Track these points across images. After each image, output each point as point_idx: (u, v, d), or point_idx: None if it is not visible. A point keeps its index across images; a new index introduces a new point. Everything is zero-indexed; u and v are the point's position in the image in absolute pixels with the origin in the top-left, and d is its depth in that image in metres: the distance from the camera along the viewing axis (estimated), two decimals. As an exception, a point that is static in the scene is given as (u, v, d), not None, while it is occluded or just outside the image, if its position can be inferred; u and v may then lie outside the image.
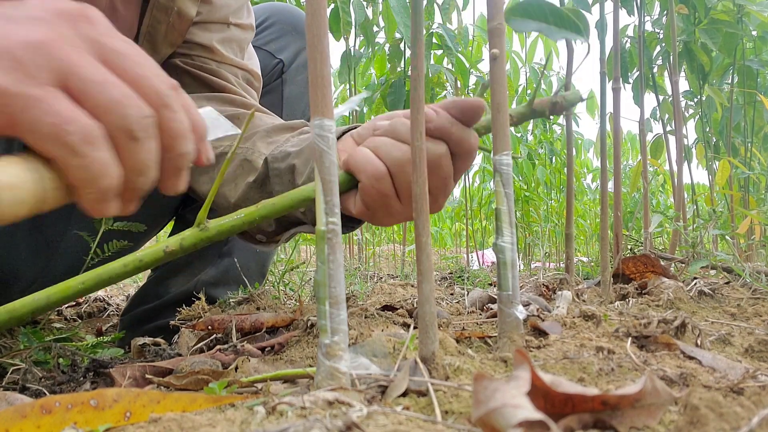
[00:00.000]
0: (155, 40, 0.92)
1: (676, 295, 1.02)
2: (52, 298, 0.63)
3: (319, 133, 0.45)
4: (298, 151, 0.78)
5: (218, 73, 0.96)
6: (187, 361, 0.65)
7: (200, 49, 0.96)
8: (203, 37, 0.96)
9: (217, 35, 0.97)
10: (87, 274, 0.64)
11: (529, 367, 0.36)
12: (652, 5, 2.63)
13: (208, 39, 0.96)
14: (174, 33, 0.92)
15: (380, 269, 3.07)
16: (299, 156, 0.77)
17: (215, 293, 1.12)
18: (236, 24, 1.00)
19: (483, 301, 1.04)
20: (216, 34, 0.97)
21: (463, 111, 0.64)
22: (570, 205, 1.28)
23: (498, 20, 0.58)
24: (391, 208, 0.68)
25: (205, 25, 0.96)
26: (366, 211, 0.69)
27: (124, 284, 2.38)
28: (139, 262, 0.64)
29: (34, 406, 0.39)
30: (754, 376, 0.48)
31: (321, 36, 0.45)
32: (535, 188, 4.28)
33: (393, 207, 0.67)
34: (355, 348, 0.54)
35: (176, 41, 0.93)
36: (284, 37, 1.18)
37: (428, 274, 0.50)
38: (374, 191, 0.66)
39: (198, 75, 0.95)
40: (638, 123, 1.92)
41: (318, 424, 0.33)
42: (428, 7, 2.82)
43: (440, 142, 0.65)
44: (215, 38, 0.97)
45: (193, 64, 0.95)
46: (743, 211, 2.08)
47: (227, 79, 0.96)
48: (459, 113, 0.64)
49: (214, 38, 0.97)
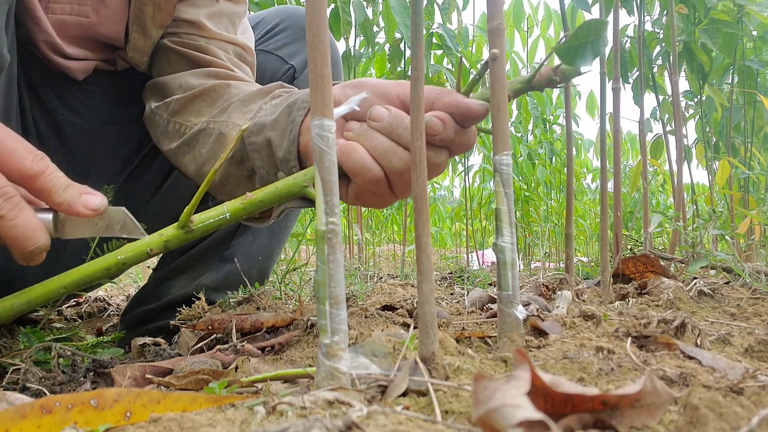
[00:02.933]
0: (144, 23, 0.91)
1: (676, 295, 1.02)
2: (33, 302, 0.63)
3: (319, 133, 0.45)
4: (273, 120, 0.74)
5: (206, 50, 0.94)
6: (187, 361, 0.65)
7: (188, 25, 0.94)
8: (190, 12, 0.94)
9: (204, 10, 0.95)
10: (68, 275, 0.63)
11: (529, 367, 0.36)
12: (651, 5, 2.63)
13: (195, 15, 0.94)
14: (162, 13, 0.91)
15: (380, 269, 3.07)
16: (274, 127, 0.73)
17: (215, 297, 1.11)
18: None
19: (483, 301, 1.04)
20: (204, 9, 0.95)
21: (468, 118, 0.63)
22: (570, 205, 1.28)
23: (498, 20, 0.58)
24: (384, 200, 0.67)
25: (192, 0, 0.95)
26: (357, 202, 0.69)
27: (125, 284, 2.38)
28: (122, 264, 0.64)
29: (34, 406, 0.39)
30: (754, 376, 0.48)
31: (321, 36, 0.45)
32: (535, 188, 4.28)
33: (386, 200, 0.67)
34: (355, 348, 0.54)
35: (165, 21, 0.92)
36: (296, 43, 1.16)
37: (428, 274, 0.50)
38: (369, 192, 0.66)
39: (185, 53, 0.93)
40: (638, 123, 1.92)
41: (318, 424, 0.33)
42: (428, 7, 2.82)
43: (443, 150, 0.65)
44: (203, 13, 0.95)
45: (180, 42, 0.94)
46: (743, 211, 2.08)
47: (216, 54, 0.94)
48: (463, 120, 0.63)
49: (202, 13, 0.95)
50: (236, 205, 0.64)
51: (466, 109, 0.62)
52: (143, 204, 1.10)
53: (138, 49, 0.93)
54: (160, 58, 0.95)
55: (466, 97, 0.63)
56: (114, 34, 0.92)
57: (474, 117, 0.63)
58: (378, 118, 0.64)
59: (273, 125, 0.73)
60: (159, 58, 0.96)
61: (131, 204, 1.08)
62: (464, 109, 0.62)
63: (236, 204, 0.64)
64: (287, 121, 0.72)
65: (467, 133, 0.64)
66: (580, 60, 0.60)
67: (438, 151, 0.64)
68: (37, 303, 0.64)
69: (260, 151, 0.75)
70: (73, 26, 0.90)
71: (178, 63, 0.93)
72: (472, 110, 0.62)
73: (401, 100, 0.66)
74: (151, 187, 1.12)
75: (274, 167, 0.74)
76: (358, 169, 0.64)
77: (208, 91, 0.87)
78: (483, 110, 0.63)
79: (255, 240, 1.17)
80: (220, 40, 0.96)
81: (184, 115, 0.88)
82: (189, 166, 0.87)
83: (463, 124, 0.64)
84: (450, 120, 0.63)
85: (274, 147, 0.73)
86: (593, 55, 0.59)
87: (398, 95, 0.66)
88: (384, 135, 0.64)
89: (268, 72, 1.10)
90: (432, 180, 5.57)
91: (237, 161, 0.78)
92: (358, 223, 3.31)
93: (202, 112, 0.86)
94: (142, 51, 0.93)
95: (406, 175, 0.64)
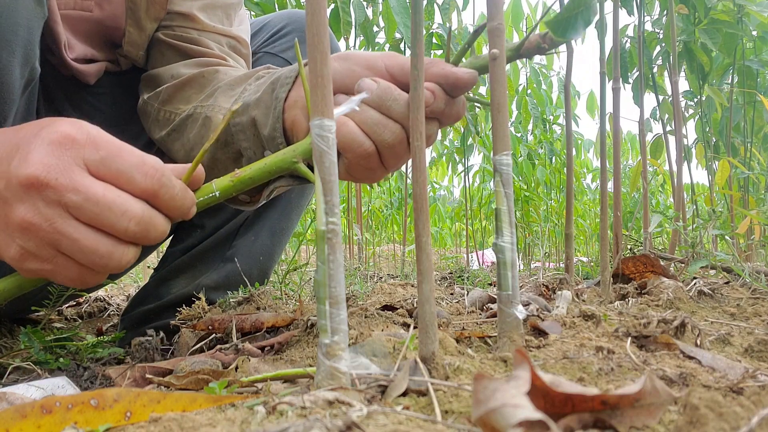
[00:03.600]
0: (138, 15, 0.91)
1: (676, 295, 1.02)
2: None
3: (318, 133, 0.45)
4: (257, 99, 0.73)
5: (199, 41, 0.94)
6: (187, 361, 0.65)
7: (181, 18, 0.95)
8: (184, 5, 0.95)
9: (198, 2, 0.96)
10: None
11: (528, 366, 0.36)
12: (652, 5, 2.63)
13: (188, 7, 0.95)
14: (155, 6, 0.92)
15: (380, 269, 3.07)
16: (258, 106, 0.73)
17: (216, 297, 1.12)
18: None
19: (483, 301, 1.04)
20: (197, 1, 0.96)
21: (457, 87, 0.63)
22: (570, 205, 1.28)
23: (498, 20, 0.58)
24: (375, 174, 0.67)
25: None
26: (349, 177, 0.68)
27: (125, 284, 2.37)
28: None
29: (35, 406, 0.39)
30: (754, 376, 0.48)
31: (321, 36, 0.45)
32: (534, 188, 4.28)
33: (378, 174, 0.67)
34: (355, 348, 0.54)
35: (159, 14, 0.93)
36: (301, 46, 1.17)
37: (428, 274, 0.50)
38: (360, 166, 0.65)
39: (177, 45, 0.93)
40: (638, 123, 1.92)
41: (318, 424, 0.33)
42: (428, 7, 2.82)
43: (434, 121, 0.65)
44: (196, 6, 0.95)
45: (173, 35, 0.94)
46: (743, 211, 2.08)
47: (208, 46, 0.94)
48: (452, 89, 0.63)
49: (195, 6, 0.95)
50: (225, 183, 0.63)
51: (455, 79, 0.62)
52: None
53: (134, 42, 0.94)
54: (155, 51, 0.96)
55: (454, 66, 0.63)
56: (118, 30, 0.93)
57: (463, 86, 0.63)
58: (367, 91, 0.63)
59: (257, 104, 0.73)
60: (153, 52, 0.96)
61: None
62: (453, 78, 0.62)
63: (225, 181, 0.63)
64: (271, 98, 0.72)
65: (457, 103, 0.64)
66: (571, 32, 0.59)
67: (429, 123, 0.64)
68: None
69: (245, 131, 0.74)
70: (78, 21, 0.90)
71: (171, 55, 0.94)
72: (460, 79, 0.62)
73: (389, 72, 0.65)
74: None
75: (260, 147, 0.73)
76: (348, 143, 0.63)
77: (197, 77, 0.87)
78: (472, 78, 0.63)
79: (256, 240, 1.17)
80: (214, 32, 0.96)
81: (174, 103, 0.89)
82: (178, 152, 0.87)
83: (452, 94, 0.64)
84: (439, 90, 0.63)
85: (259, 125, 0.72)
86: (584, 25, 0.59)
87: (386, 67, 0.66)
88: (373, 108, 0.63)
89: None
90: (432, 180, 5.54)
91: (222, 144, 0.77)
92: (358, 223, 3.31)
93: (191, 99, 0.86)
94: (137, 44, 0.94)
95: (398, 148, 0.64)
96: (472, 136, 3.51)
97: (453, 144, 4.22)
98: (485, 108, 3.13)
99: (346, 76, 0.66)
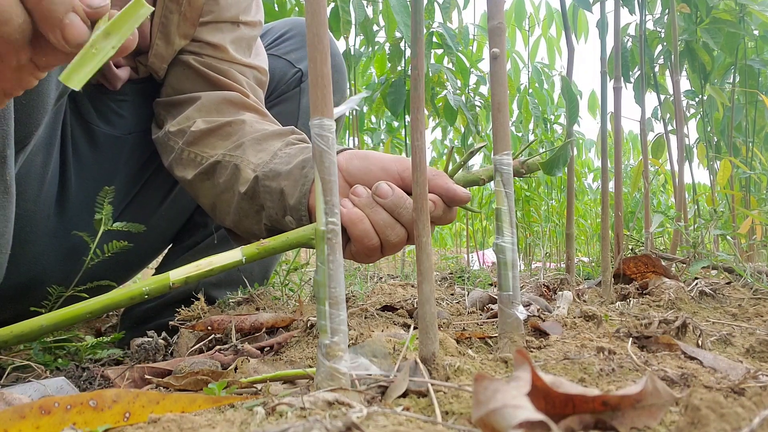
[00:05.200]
0: (168, 30, 0.94)
1: (677, 295, 1.02)
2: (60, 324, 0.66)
3: (318, 132, 0.45)
4: (287, 172, 0.81)
5: (227, 73, 0.98)
6: (186, 361, 0.65)
7: (211, 48, 0.98)
8: (216, 36, 0.98)
9: (229, 35, 1.00)
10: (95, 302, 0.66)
11: (529, 367, 0.36)
12: (653, 4, 2.63)
13: (220, 39, 0.99)
14: (186, 23, 0.95)
15: (380, 269, 3.07)
16: (288, 177, 0.80)
17: (216, 295, 1.12)
18: (245, 22, 1.02)
19: (483, 302, 1.04)
20: (228, 34, 1.00)
21: (453, 202, 0.73)
22: (571, 205, 1.28)
23: (498, 19, 0.58)
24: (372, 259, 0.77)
25: (217, 25, 0.99)
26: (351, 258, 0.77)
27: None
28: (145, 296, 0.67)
29: (33, 406, 0.38)
30: (755, 377, 0.48)
31: (321, 36, 0.45)
32: (535, 188, 4.28)
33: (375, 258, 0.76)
34: (355, 348, 0.54)
35: (188, 32, 0.96)
36: (303, 49, 1.21)
37: (428, 274, 0.50)
38: (363, 254, 0.75)
39: (206, 74, 0.97)
40: (639, 122, 1.92)
41: (318, 425, 0.33)
42: (428, 6, 2.82)
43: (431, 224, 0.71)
44: (227, 39, 0.99)
45: (203, 62, 0.98)
46: (744, 211, 2.08)
47: (235, 79, 0.99)
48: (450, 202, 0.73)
49: (227, 39, 0.99)
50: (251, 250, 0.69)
51: (453, 194, 0.73)
52: (158, 205, 1.13)
53: (159, 55, 0.97)
54: (178, 71, 0.99)
55: (454, 184, 0.74)
56: (144, 39, 0.95)
57: (459, 201, 0.73)
58: (383, 195, 0.73)
59: (287, 176, 0.81)
60: (176, 71, 0.99)
61: (148, 205, 1.10)
62: (452, 194, 0.73)
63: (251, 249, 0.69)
64: (300, 175, 0.80)
65: (451, 211, 0.75)
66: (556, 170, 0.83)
67: None
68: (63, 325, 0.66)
69: (272, 195, 0.82)
70: None
71: (198, 82, 0.98)
72: (457, 196, 0.73)
73: (401, 176, 0.75)
74: (165, 188, 1.14)
75: (282, 211, 0.81)
76: (361, 237, 0.72)
77: (224, 127, 0.92)
78: (466, 197, 0.74)
79: None
80: (240, 64, 1.00)
81: (200, 146, 0.92)
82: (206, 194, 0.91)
83: (449, 205, 0.74)
84: (440, 201, 0.73)
85: (287, 196, 0.80)
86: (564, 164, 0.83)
87: (398, 172, 0.75)
88: (387, 211, 0.72)
89: (276, 74, 1.15)
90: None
91: (249, 197, 0.85)
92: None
93: (217, 146, 0.91)
94: (163, 58, 0.97)
95: (399, 246, 0.74)
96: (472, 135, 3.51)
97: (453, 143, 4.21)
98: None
99: (364, 173, 0.76)
